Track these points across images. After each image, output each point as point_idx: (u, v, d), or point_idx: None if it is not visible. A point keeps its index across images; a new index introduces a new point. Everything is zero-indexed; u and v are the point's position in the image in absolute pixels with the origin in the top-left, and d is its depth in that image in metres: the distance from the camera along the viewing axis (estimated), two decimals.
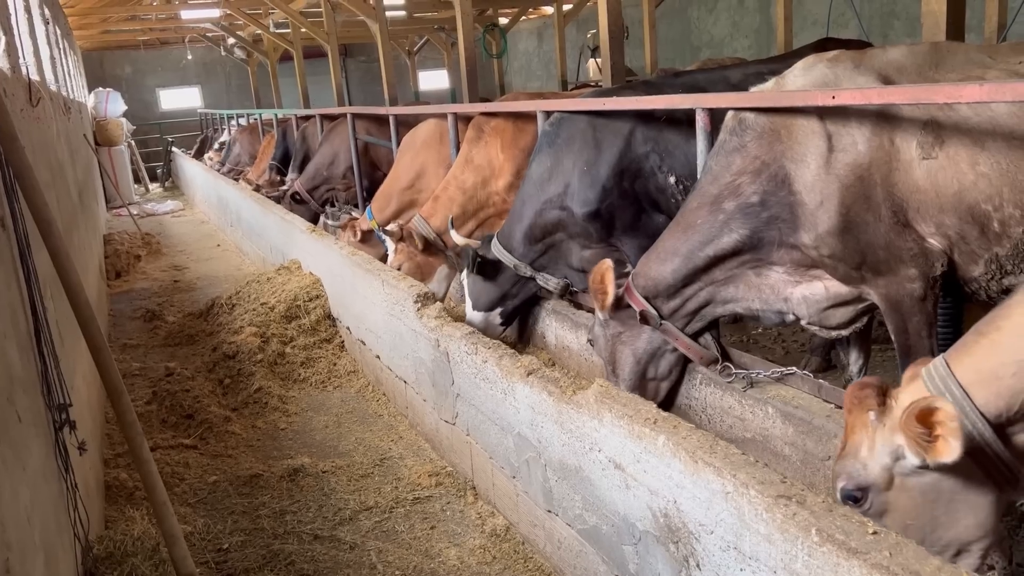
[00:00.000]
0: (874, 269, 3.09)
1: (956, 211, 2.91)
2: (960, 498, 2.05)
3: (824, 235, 3.08)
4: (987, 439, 1.97)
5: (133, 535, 3.01)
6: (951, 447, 1.90)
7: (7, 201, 2.74)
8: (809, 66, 3.26)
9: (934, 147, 2.89)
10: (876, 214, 3.01)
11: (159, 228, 13.60)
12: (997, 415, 1.96)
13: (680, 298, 3.55)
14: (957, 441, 1.89)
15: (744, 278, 3.42)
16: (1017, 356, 1.94)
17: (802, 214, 3.11)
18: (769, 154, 3.17)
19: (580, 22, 18.59)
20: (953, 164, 2.88)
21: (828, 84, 3.13)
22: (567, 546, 3.12)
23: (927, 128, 2.91)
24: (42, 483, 2.41)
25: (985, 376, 1.97)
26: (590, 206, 4.51)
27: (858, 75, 3.10)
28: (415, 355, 4.53)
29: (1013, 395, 1.94)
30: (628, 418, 2.59)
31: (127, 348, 6.83)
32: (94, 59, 23.45)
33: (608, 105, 4.30)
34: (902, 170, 2.96)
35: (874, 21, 13.40)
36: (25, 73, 4.86)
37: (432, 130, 7.00)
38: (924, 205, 2.97)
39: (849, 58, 3.19)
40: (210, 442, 4.79)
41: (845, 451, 2.17)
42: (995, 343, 1.98)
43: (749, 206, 3.23)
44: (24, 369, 2.50)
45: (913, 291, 3.06)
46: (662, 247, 3.57)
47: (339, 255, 5.95)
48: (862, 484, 2.12)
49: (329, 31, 12.97)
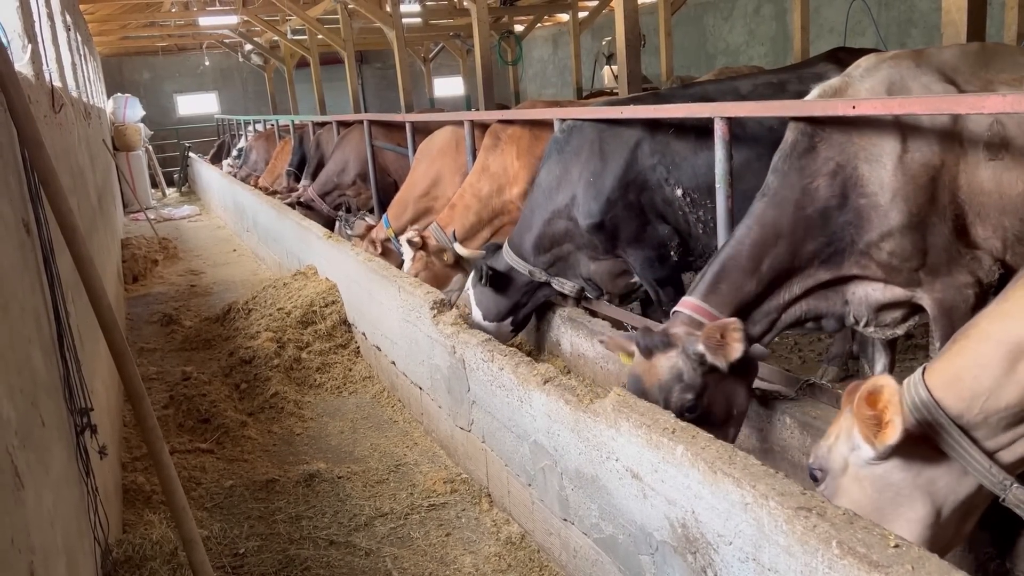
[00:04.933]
0: (933, 271, 3.07)
1: (1017, 212, 2.93)
2: (907, 494, 2.10)
3: (894, 233, 3.05)
4: (948, 431, 2.03)
5: (152, 539, 3.03)
6: (895, 425, 1.97)
7: (32, 206, 2.78)
8: (873, 66, 3.22)
9: (1000, 149, 2.90)
10: (942, 215, 3.01)
11: (176, 233, 13.70)
12: (958, 415, 2.04)
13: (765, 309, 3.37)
14: (899, 418, 1.96)
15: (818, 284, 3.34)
16: (978, 360, 2.04)
17: (874, 215, 3.06)
18: (842, 156, 3.13)
19: (595, 29, 18.63)
20: (1018, 165, 2.89)
21: (894, 84, 3.11)
22: (583, 555, 3.12)
23: (993, 129, 2.91)
24: (64, 487, 2.43)
25: (948, 379, 2.07)
26: (594, 218, 4.48)
27: (921, 74, 3.09)
28: (431, 361, 4.54)
29: (973, 397, 2.02)
30: (646, 428, 2.59)
31: (144, 352, 6.88)
32: (113, 65, 23.71)
33: (626, 114, 4.30)
34: (969, 172, 2.97)
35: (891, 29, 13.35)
36: (48, 79, 4.92)
37: (448, 138, 7.02)
38: (986, 207, 2.97)
39: (909, 57, 3.18)
40: (226, 446, 4.81)
41: (825, 435, 2.29)
42: (961, 348, 2.09)
43: (828, 209, 3.15)
44: (48, 373, 2.53)
45: (968, 297, 3.07)
46: (746, 265, 3.24)
47: (355, 261, 5.98)
48: (822, 466, 2.23)
49: (346, 38, 13.07)
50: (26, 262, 2.54)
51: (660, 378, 3.04)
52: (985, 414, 2.02)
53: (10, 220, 2.40)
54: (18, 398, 2.04)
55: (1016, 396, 1.99)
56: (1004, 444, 2.05)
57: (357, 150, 9.15)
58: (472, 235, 5.78)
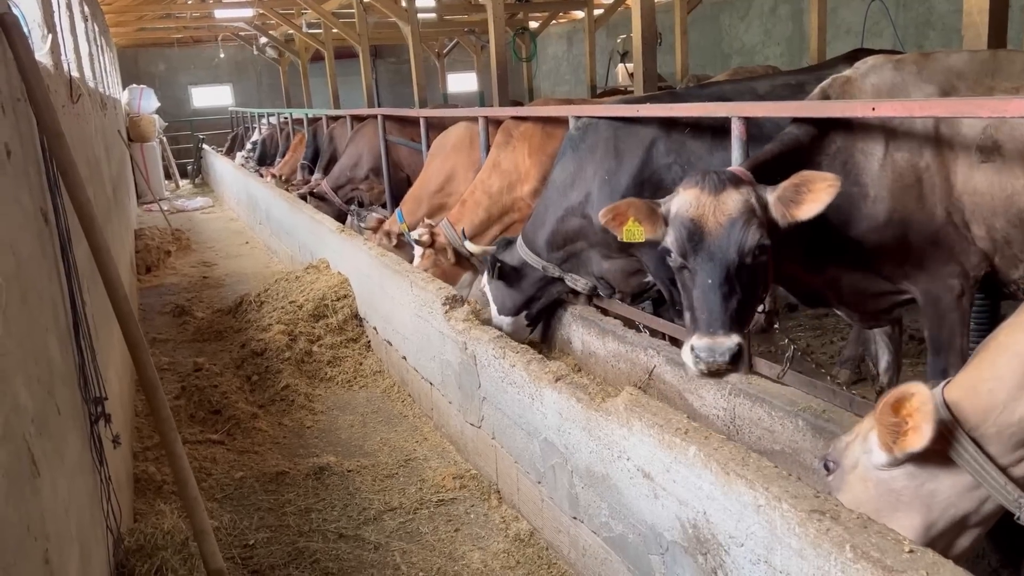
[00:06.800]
0: (919, 265, 3.11)
1: (1006, 215, 2.96)
2: (906, 502, 2.10)
3: (880, 227, 3.08)
4: (963, 444, 2.02)
5: (163, 529, 3.04)
6: (922, 432, 1.95)
7: (50, 195, 2.79)
8: (877, 66, 3.27)
9: (993, 151, 2.91)
10: (931, 213, 3.04)
11: (189, 224, 13.76)
12: (974, 427, 2.02)
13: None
14: (929, 425, 1.94)
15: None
16: (995, 372, 2.02)
17: (863, 205, 3.11)
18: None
19: (610, 27, 18.57)
20: (1009, 168, 2.92)
21: (896, 86, 3.17)
22: (592, 553, 3.12)
23: (987, 132, 2.93)
24: (78, 475, 2.45)
25: (965, 390, 2.06)
26: None
27: (921, 81, 3.13)
28: (442, 357, 4.54)
29: (988, 409, 2.01)
30: (658, 427, 2.58)
31: (156, 343, 6.92)
32: (129, 56, 23.80)
33: (642, 112, 4.28)
34: (961, 172, 3.00)
35: (909, 31, 13.25)
36: (66, 70, 4.94)
37: (462, 134, 7.02)
38: (979, 207, 3.01)
39: (913, 62, 3.22)
40: (237, 438, 4.83)
41: (851, 431, 2.30)
42: (980, 360, 2.08)
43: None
44: (64, 362, 2.54)
45: (952, 288, 3.11)
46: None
47: (368, 255, 5.99)
48: (836, 459, 2.24)
49: (361, 32, 13.07)
50: (44, 251, 2.56)
51: (730, 213, 2.74)
52: (998, 427, 2.00)
53: (29, 209, 2.41)
54: (35, 386, 2.06)
55: None
56: (1017, 460, 2.02)
57: (370, 145, 9.17)
58: (482, 232, 5.78)
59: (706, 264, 2.73)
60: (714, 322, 2.69)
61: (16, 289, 2.02)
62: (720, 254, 2.72)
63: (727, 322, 2.69)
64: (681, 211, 2.82)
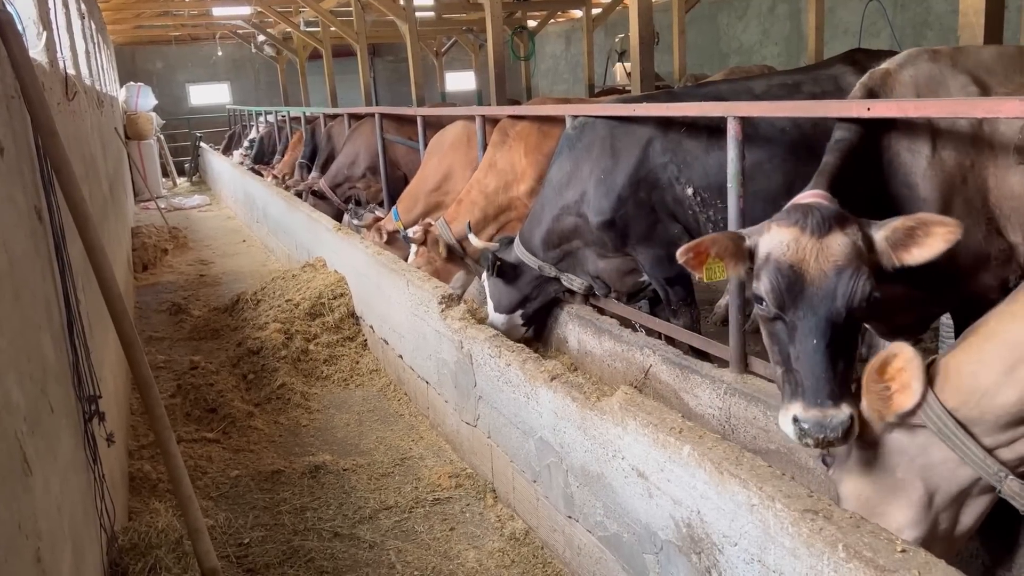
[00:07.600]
0: (962, 273, 3.02)
1: None
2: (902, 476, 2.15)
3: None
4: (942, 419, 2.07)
5: (157, 527, 3.04)
6: (912, 390, 1.98)
7: (45, 193, 2.79)
8: (913, 58, 3.21)
9: None
10: (976, 218, 2.95)
11: (186, 222, 13.74)
12: (955, 408, 2.08)
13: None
14: (918, 382, 1.97)
15: None
16: (980, 357, 2.08)
17: (912, 209, 2.96)
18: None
19: (608, 26, 18.58)
20: None
21: (933, 78, 3.09)
22: (587, 552, 3.12)
23: None
24: (71, 474, 2.44)
25: (950, 371, 2.12)
26: (604, 215, 4.46)
27: (957, 73, 3.08)
28: (438, 356, 4.54)
29: (971, 392, 2.06)
30: (653, 427, 2.58)
31: (152, 341, 6.91)
32: (126, 54, 23.77)
33: (638, 111, 4.28)
34: (999, 175, 2.93)
35: (907, 31, 13.26)
36: (62, 67, 4.93)
37: (460, 132, 7.01)
38: (1016, 212, 2.92)
39: (948, 55, 3.17)
40: (233, 437, 4.83)
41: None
42: (968, 344, 2.14)
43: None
44: (57, 360, 2.54)
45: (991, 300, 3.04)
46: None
47: (364, 254, 5.98)
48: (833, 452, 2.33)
49: (359, 31, 13.06)
50: (38, 249, 2.55)
51: (836, 260, 2.38)
52: (981, 411, 2.05)
53: (23, 207, 2.41)
54: (28, 384, 2.05)
55: (1015, 397, 2.01)
56: (1004, 442, 2.07)
57: (368, 143, 9.16)
58: (478, 231, 5.78)
59: (809, 319, 2.39)
60: (821, 391, 2.33)
61: (9, 287, 2.02)
62: (824, 309, 2.37)
63: (836, 391, 2.32)
64: (776, 254, 2.45)
